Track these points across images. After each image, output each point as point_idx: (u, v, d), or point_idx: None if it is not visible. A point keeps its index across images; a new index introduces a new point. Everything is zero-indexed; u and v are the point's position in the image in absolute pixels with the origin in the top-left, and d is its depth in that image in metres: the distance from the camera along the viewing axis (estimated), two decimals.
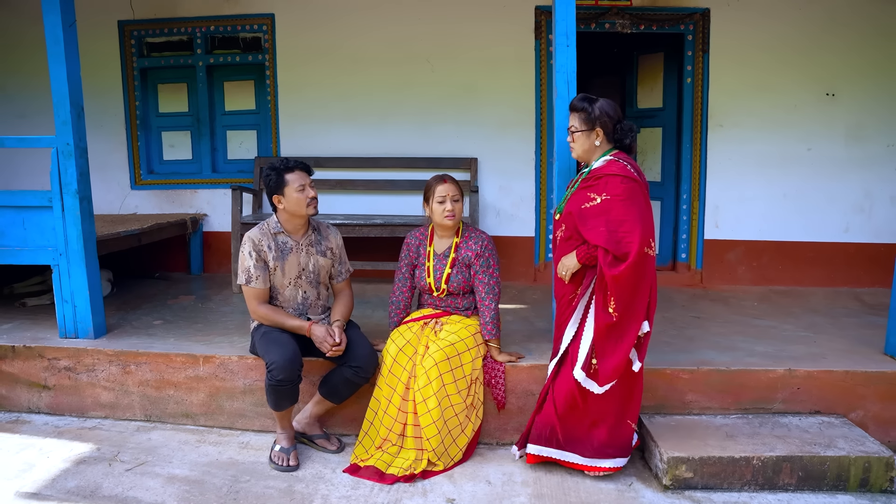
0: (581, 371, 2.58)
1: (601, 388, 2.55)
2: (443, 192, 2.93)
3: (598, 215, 2.51)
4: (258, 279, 2.84)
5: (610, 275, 2.43)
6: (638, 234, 2.43)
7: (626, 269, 2.41)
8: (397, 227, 4.45)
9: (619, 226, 2.46)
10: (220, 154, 5.22)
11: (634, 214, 2.45)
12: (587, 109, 2.59)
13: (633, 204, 2.47)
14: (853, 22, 4.59)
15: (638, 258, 2.41)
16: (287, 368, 2.64)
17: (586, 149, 2.63)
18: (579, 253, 2.57)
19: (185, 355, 3.15)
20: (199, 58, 5.03)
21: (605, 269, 2.45)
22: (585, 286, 2.60)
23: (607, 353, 2.50)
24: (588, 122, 2.60)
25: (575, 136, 2.63)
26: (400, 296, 3.10)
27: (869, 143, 4.71)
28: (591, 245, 2.53)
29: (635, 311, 2.47)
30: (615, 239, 2.45)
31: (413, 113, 4.89)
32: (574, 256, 2.59)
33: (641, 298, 2.48)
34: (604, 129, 2.59)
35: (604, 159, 2.61)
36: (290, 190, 2.84)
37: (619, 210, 2.46)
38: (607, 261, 2.45)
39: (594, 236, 2.50)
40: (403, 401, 2.82)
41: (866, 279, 4.82)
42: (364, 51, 4.85)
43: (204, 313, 3.95)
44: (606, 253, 2.46)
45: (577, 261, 2.58)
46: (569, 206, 2.63)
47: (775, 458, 2.65)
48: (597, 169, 2.59)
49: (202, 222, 5.10)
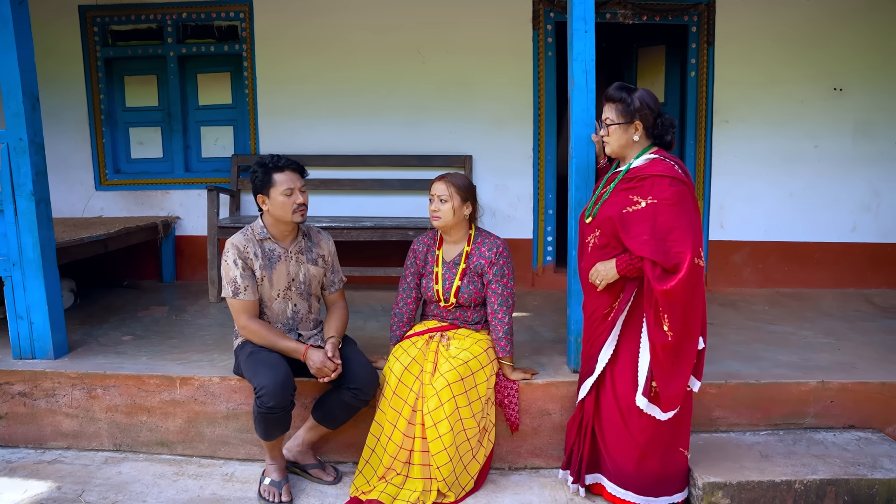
0: (643, 398, 2.31)
1: (665, 415, 2.30)
2: (432, 191, 2.66)
3: (643, 221, 2.23)
4: (247, 290, 2.51)
5: (660, 289, 2.16)
6: (689, 243, 2.17)
7: (679, 284, 2.14)
8: (389, 230, 4.15)
9: (667, 234, 2.19)
10: (193, 152, 4.83)
11: (684, 221, 2.19)
12: (626, 100, 2.32)
13: (682, 209, 2.21)
14: (862, 14, 4.42)
15: (690, 270, 2.15)
16: (279, 394, 2.32)
17: (622, 144, 2.36)
18: (620, 263, 2.29)
19: (159, 377, 2.80)
20: (169, 47, 4.63)
21: (655, 283, 2.18)
22: (625, 300, 2.33)
23: (668, 377, 2.24)
24: (626, 114, 2.32)
25: (611, 129, 2.36)
26: (404, 307, 2.80)
27: (877, 139, 4.56)
28: (633, 255, 2.26)
29: (691, 328, 2.22)
30: (663, 249, 2.18)
31: (403, 108, 4.59)
32: (613, 265, 2.31)
33: (695, 313, 2.23)
34: (643, 123, 2.33)
35: (645, 157, 2.34)
36: (276, 192, 2.51)
37: (668, 216, 2.19)
38: (656, 274, 2.18)
39: (638, 246, 2.22)
40: (410, 425, 2.52)
41: (874, 280, 4.67)
42: (350, 41, 4.53)
43: (179, 326, 3.59)
44: (654, 265, 2.19)
45: (617, 272, 2.30)
46: (605, 209, 2.35)
47: (819, 481, 2.44)
48: (638, 168, 2.32)
49: (174, 226, 4.71)
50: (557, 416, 2.77)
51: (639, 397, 2.31)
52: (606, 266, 2.34)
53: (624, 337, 2.37)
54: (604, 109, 2.41)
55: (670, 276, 2.17)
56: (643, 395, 2.31)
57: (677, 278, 2.15)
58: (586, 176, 2.71)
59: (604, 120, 2.39)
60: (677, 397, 2.27)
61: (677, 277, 2.15)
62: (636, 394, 2.32)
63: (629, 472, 2.40)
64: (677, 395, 2.27)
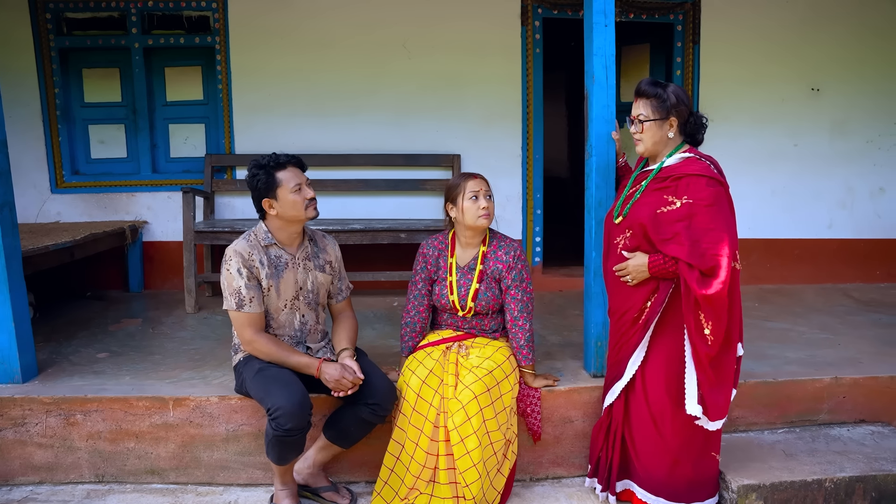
0: (697, 406, 2.20)
1: (713, 424, 2.22)
2: (475, 188, 2.49)
3: (677, 221, 2.15)
4: (252, 301, 2.30)
5: (702, 294, 2.08)
6: (726, 245, 2.10)
7: (722, 288, 2.07)
8: (379, 232, 3.97)
9: (703, 235, 2.11)
10: (161, 151, 4.50)
11: (721, 223, 2.12)
12: (661, 95, 2.23)
13: (719, 211, 2.13)
14: (838, 15, 4.53)
15: (730, 274, 2.09)
16: (297, 415, 2.12)
17: (657, 141, 2.28)
18: (653, 263, 2.20)
19: (149, 399, 2.54)
20: (134, 38, 4.29)
21: (695, 286, 2.09)
22: (659, 301, 2.24)
23: (714, 385, 2.17)
24: (662, 109, 2.24)
25: (645, 125, 2.26)
26: (416, 316, 2.63)
27: (851, 138, 4.68)
28: (667, 257, 2.17)
29: (732, 334, 2.16)
30: (699, 251, 2.10)
31: (388, 105, 4.40)
32: (645, 263, 2.22)
33: (735, 319, 2.17)
34: (679, 119, 2.25)
35: (679, 156, 2.26)
36: (285, 191, 2.32)
37: (704, 217, 2.12)
38: (694, 277, 2.10)
39: (672, 247, 2.14)
40: (432, 441, 2.36)
41: (849, 275, 4.80)
42: (332, 33, 4.31)
43: (159, 341, 3.31)
44: (691, 268, 2.11)
45: (649, 271, 2.21)
46: (637, 209, 2.26)
47: (847, 479, 2.44)
48: (672, 167, 2.24)
49: (142, 231, 4.38)
50: (580, 423, 2.67)
51: (692, 406, 2.21)
52: (638, 262, 2.24)
53: (656, 340, 2.29)
54: (635, 105, 2.32)
55: (709, 279, 2.10)
56: (698, 403, 2.21)
57: (720, 282, 2.08)
58: (607, 174, 2.62)
59: (635, 117, 2.30)
60: (724, 406, 2.21)
61: (719, 281, 2.08)
62: (686, 401, 2.23)
63: (661, 478, 2.33)
64: (724, 404, 2.21)
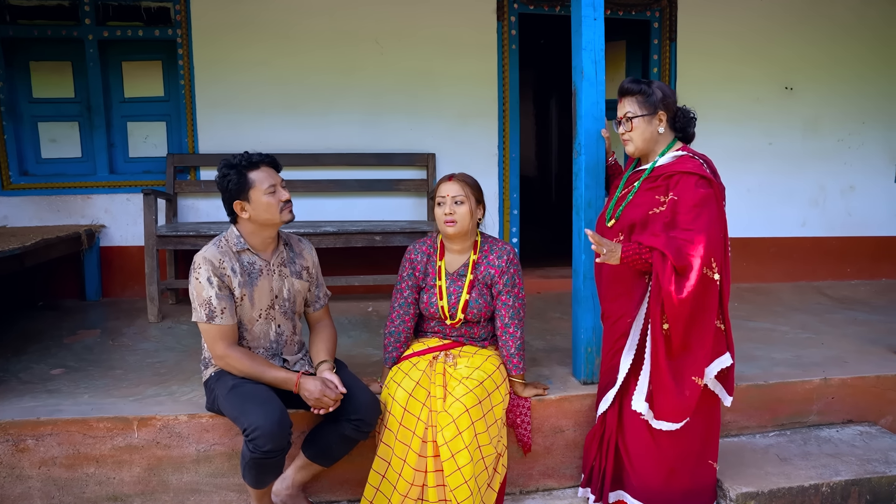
0: (644, 403, 2.16)
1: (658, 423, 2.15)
2: (443, 192, 2.36)
3: (663, 219, 2.08)
4: (224, 313, 2.12)
5: (666, 289, 2.00)
6: (701, 248, 2.00)
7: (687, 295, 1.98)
8: (353, 235, 3.81)
9: (682, 234, 2.03)
10: (119, 151, 4.24)
11: (702, 224, 2.03)
12: (646, 91, 2.15)
13: (703, 211, 2.05)
14: (809, 16, 4.57)
15: (700, 280, 1.99)
16: (277, 435, 1.96)
17: (647, 138, 2.19)
18: (627, 250, 2.07)
19: (111, 419, 2.33)
20: (87, 29, 4.02)
21: (665, 280, 2.00)
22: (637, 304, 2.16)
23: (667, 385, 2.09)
24: (648, 104, 2.15)
25: (634, 122, 2.17)
26: (401, 325, 2.49)
27: (823, 137, 4.73)
28: (643, 245, 2.07)
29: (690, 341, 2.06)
30: (675, 245, 2.02)
31: (360, 102, 4.24)
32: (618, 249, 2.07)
33: (702, 329, 2.06)
34: (667, 113, 2.17)
35: (672, 154, 2.18)
36: (258, 193, 2.16)
37: (686, 217, 2.05)
38: (666, 269, 2.01)
39: (649, 236, 2.07)
40: (420, 458, 2.22)
41: (822, 272, 4.86)
42: (302, 27, 4.12)
43: (120, 354, 3.08)
44: (664, 258, 2.02)
45: (621, 259, 2.08)
46: (630, 211, 2.17)
47: (843, 483, 2.41)
48: (666, 166, 2.16)
49: (99, 235, 4.11)
50: (571, 433, 2.57)
51: (638, 402, 2.15)
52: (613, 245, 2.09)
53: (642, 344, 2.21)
54: (620, 106, 2.23)
55: (679, 278, 2.01)
56: (645, 400, 2.15)
57: (689, 285, 1.99)
58: (596, 174, 2.53)
59: (622, 116, 2.21)
60: (673, 410, 2.12)
61: (689, 284, 1.99)
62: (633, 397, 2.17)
63: (656, 488, 2.24)
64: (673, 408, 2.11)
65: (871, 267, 4.91)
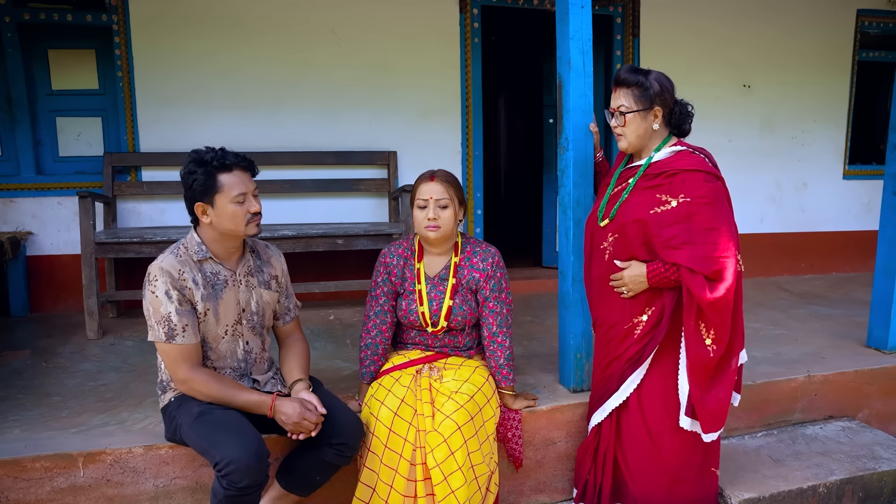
0: (686, 418, 2.06)
1: (708, 436, 2.05)
2: (425, 194, 2.18)
3: (675, 223, 1.97)
4: (186, 330, 1.87)
5: (706, 300, 1.90)
6: (731, 246, 1.94)
7: (726, 293, 1.91)
8: (313, 238, 3.56)
9: (705, 236, 1.94)
10: (47, 149, 3.82)
11: (722, 222, 1.95)
12: (643, 83, 2.03)
13: (719, 208, 1.97)
14: (762, 16, 4.63)
15: (736, 277, 1.93)
16: (254, 469, 1.73)
17: (640, 134, 2.07)
18: (653, 272, 2.01)
19: (50, 457, 2.02)
20: (4, 11, 3.59)
21: (698, 292, 1.91)
22: (658, 313, 2.05)
23: (711, 396, 1.99)
24: (644, 98, 2.03)
25: (627, 117, 2.05)
26: (377, 336, 2.28)
27: (778, 134, 4.82)
28: (667, 263, 1.98)
29: (735, 340, 2.00)
30: (702, 254, 1.93)
31: (316, 97, 3.99)
32: (644, 273, 2.02)
33: (739, 325, 2.01)
34: (664, 108, 2.06)
35: (669, 150, 2.07)
36: (224, 199, 1.92)
37: (705, 216, 1.95)
38: (697, 282, 1.92)
39: (672, 252, 1.97)
40: (409, 482, 2.04)
41: (779, 268, 4.95)
42: (252, 14, 3.84)
43: (56, 377, 2.73)
44: (693, 273, 1.93)
45: (648, 282, 2.01)
46: (626, 211, 2.06)
47: (838, 482, 2.40)
48: (663, 163, 2.05)
49: (25, 243, 3.69)
50: (563, 445, 2.44)
51: (684, 420, 2.05)
52: (635, 273, 2.05)
53: (657, 354, 2.10)
54: (614, 96, 2.11)
55: (714, 283, 1.93)
56: (686, 415, 2.05)
57: (725, 286, 1.92)
58: (585, 170, 2.41)
59: (616, 108, 2.09)
60: (721, 417, 2.05)
61: (725, 285, 1.92)
62: (679, 414, 2.06)
63: (659, 500, 2.15)
64: (720, 415, 2.05)
65: (822, 261, 5.05)
